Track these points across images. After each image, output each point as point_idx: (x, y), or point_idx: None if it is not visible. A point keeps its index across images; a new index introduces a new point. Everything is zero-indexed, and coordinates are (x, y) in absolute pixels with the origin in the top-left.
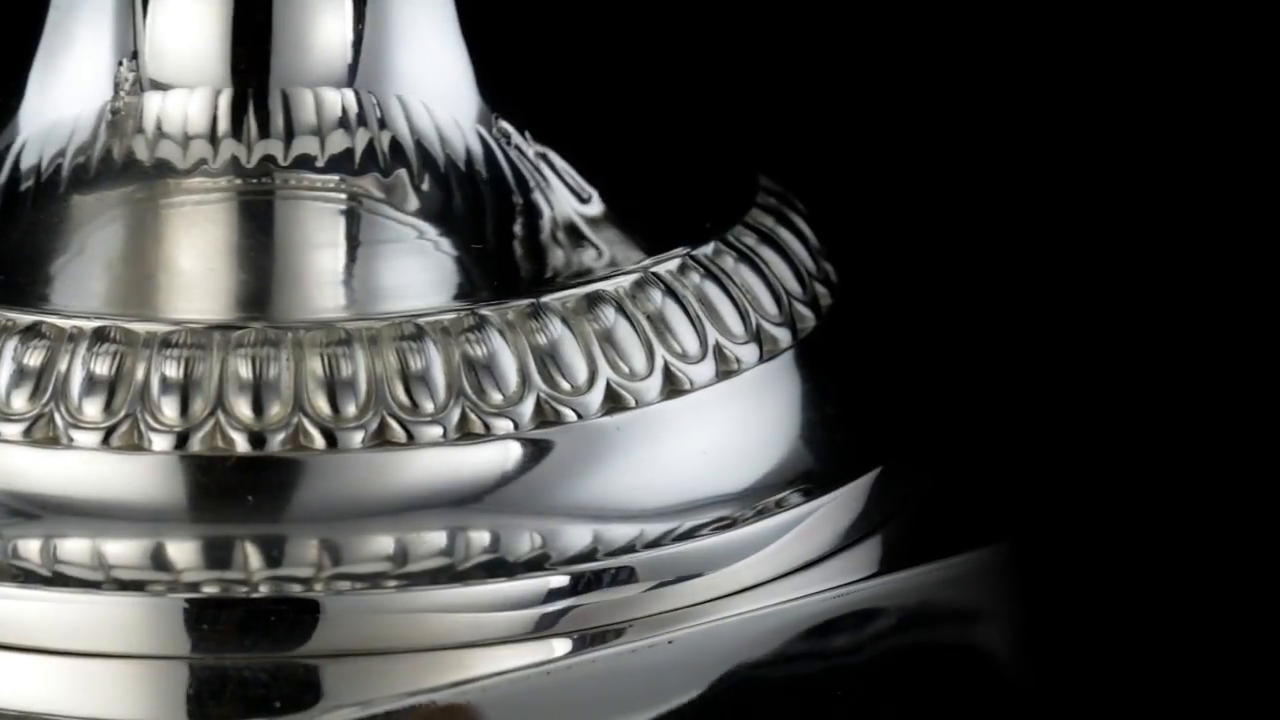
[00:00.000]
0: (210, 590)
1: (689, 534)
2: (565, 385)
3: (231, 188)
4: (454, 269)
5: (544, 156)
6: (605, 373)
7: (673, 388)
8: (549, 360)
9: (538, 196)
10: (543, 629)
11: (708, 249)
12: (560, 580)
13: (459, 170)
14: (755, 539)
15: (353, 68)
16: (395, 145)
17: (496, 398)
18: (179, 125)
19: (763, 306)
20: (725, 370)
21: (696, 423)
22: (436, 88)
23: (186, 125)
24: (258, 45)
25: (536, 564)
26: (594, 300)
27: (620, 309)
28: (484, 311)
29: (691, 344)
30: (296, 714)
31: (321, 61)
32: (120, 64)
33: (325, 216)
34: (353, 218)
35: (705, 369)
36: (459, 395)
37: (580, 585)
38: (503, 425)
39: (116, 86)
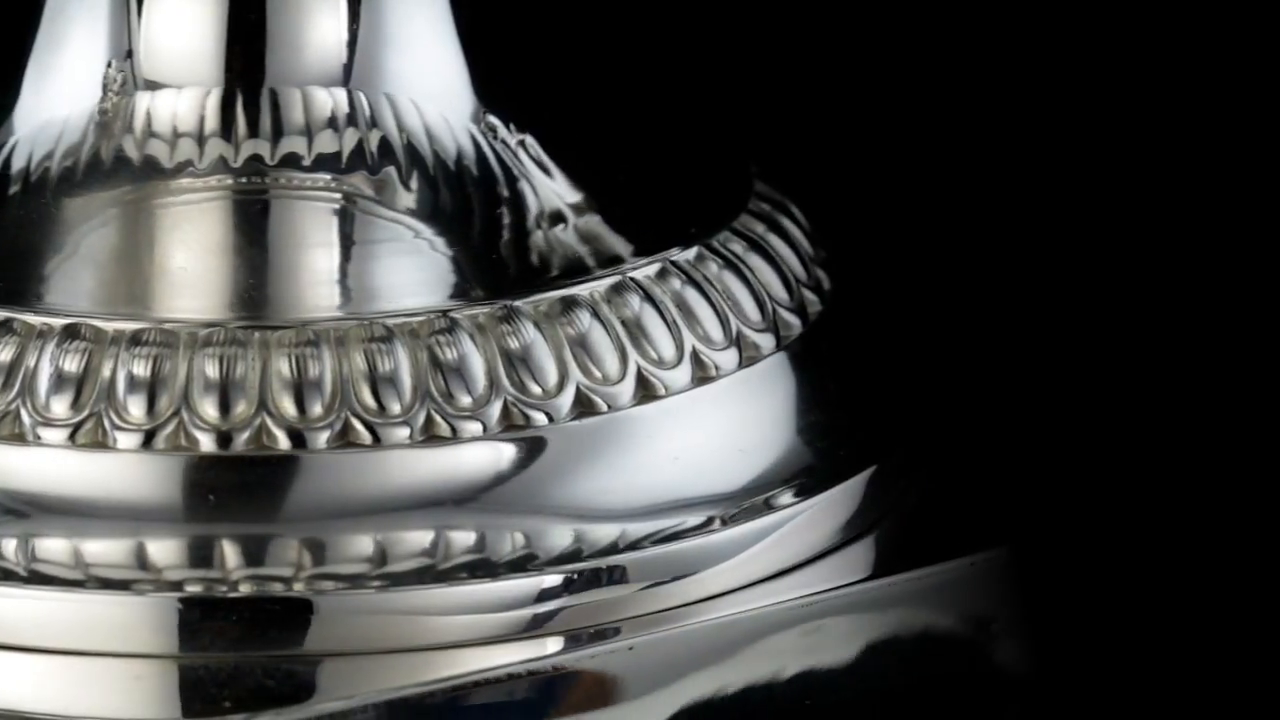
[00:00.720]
0: (191, 589)
1: (664, 539)
2: (535, 389)
3: (223, 187)
4: (438, 270)
5: (533, 158)
6: (576, 377)
7: (646, 393)
8: (519, 363)
9: (525, 198)
10: (533, 629)
11: (690, 254)
12: (551, 580)
13: (448, 171)
14: (735, 543)
15: (347, 67)
16: (387, 145)
17: (464, 400)
18: (172, 124)
19: (744, 313)
20: (703, 376)
21: (672, 428)
22: (430, 87)
23: (180, 124)
24: (252, 44)
25: (519, 565)
26: (568, 304)
27: (595, 313)
28: (454, 314)
29: (667, 349)
30: (285, 710)
31: (316, 61)
32: (109, 64)
33: (316, 216)
34: (342, 217)
35: (681, 374)
36: (425, 397)
37: (569, 587)
38: (471, 428)
39: (105, 87)
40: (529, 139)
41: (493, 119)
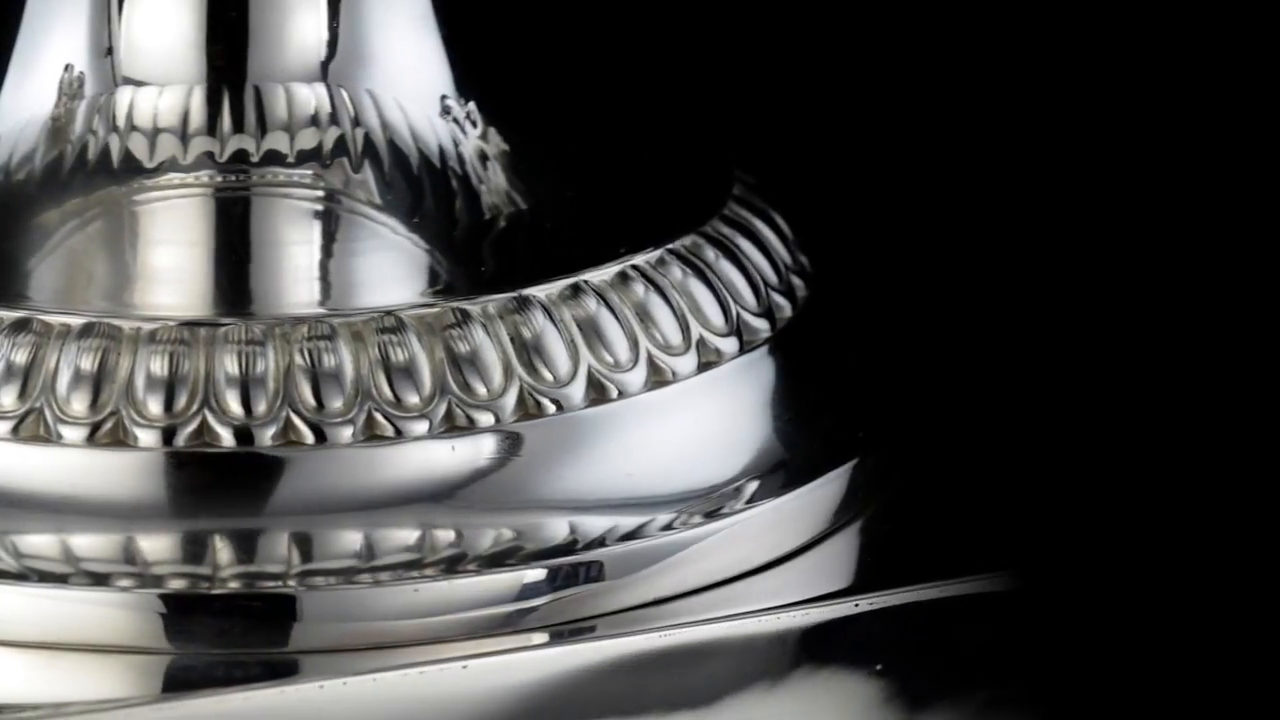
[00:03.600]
0: (174, 585)
1: (638, 534)
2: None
3: (208, 183)
4: (433, 263)
5: (521, 152)
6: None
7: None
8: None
9: (515, 192)
10: (512, 624)
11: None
12: (537, 574)
13: (433, 166)
14: (707, 538)
15: (326, 64)
16: (369, 141)
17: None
18: (141, 120)
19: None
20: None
21: (680, 413)
22: (412, 84)
23: (143, 119)
24: (232, 42)
25: (498, 561)
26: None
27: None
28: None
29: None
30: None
31: (296, 58)
32: (66, 69)
33: (300, 212)
34: (328, 213)
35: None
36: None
37: (559, 579)
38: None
39: (59, 92)
40: (518, 137)
41: (480, 119)
